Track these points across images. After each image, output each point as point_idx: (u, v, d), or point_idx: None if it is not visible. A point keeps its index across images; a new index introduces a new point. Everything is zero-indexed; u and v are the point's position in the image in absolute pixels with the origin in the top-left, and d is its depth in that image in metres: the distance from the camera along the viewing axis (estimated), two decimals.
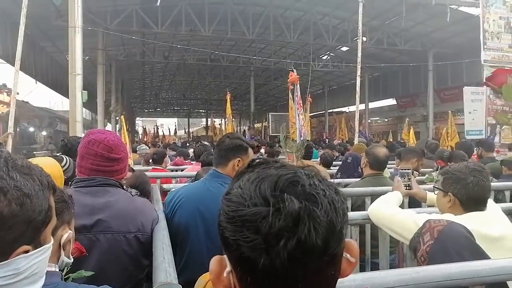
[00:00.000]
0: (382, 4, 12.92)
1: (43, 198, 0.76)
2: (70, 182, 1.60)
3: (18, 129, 15.30)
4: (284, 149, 3.71)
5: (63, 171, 2.15)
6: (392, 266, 2.68)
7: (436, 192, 1.79)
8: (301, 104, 8.67)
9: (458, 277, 1.09)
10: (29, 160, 0.77)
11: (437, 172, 3.37)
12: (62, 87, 16.64)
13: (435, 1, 11.90)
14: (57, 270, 0.99)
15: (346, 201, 0.59)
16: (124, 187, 2.70)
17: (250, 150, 2.09)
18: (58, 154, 2.46)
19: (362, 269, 2.53)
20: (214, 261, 0.60)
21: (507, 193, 3.14)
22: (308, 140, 5.73)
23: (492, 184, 3.25)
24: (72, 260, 1.08)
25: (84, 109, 10.38)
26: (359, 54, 7.39)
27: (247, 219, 0.53)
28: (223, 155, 2.03)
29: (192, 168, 4.39)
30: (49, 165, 1.76)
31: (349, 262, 0.59)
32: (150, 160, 5.07)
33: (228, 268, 0.58)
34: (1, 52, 11.78)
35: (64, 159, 2.23)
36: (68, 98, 7.87)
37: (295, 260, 0.52)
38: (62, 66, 17.19)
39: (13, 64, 5.77)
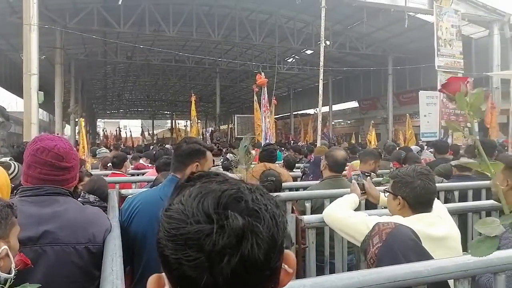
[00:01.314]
0: (345, 9, 13.30)
1: None
2: (15, 191, 1.52)
3: None
4: (241, 161, 3.52)
5: (11, 178, 2.04)
6: (350, 266, 2.76)
7: (386, 195, 1.86)
8: (268, 107, 8.76)
9: (402, 278, 1.14)
10: None
11: None
12: (16, 87, 15.80)
13: (393, 8, 12.41)
14: None
15: (285, 215, 0.60)
16: (82, 193, 2.62)
17: (209, 154, 2.07)
18: (4, 160, 2.33)
19: (321, 270, 2.59)
20: (151, 280, 0.59)
21: (456, 193, 3.32)
22: (271, 144, 5.77)
23: (442, 184, 3.44)
24: (13, 274, 1.03)
25: (40, 110, 9.92)
26: (322, 58, 7.56)
27: (190, 237, 0.52)
28: (181, 160, 2.01)
29: (152, 173, 4.30)
30: None
31: (286, 273, 0.60)
32: (109, 164, 4.90)
33: (167, 286, 0.57)
34: None
35: (12, 165, 2.11)
36: (23, 98, 7.50)
37: (237, 276, 0.52)
38: (16, 65, 16.33)
39: None
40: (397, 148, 6.20)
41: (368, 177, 2.58)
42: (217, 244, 0.51)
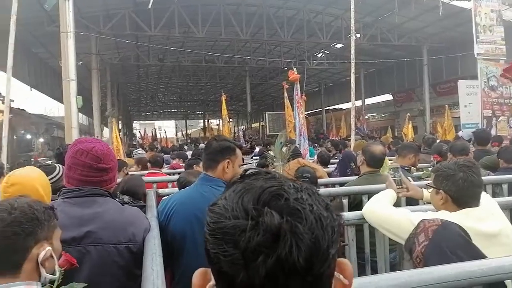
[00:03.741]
0: (375, 0, 12.92)
1: None
2: (58, 192, 1.57)
3: (15, 137, 15.23)
4: (277, 157, 3.60)
5: (56, 180, 2.11)
6: (392, 264, 2.66)
7: (429, 190, 1.77)
8: (301, 103, 8.65)
9: (454, 279, 1.07)
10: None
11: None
12: (57, 93, 16.57)
13: None
14: (39, 287, 0.97)
15: (338, 218, 0.55)
16: (118, 193, 2.69)
17: (238, 151, 2.08)
18: (50, 162, 2.43)
19: (362, 268, 2.52)
20: (197, 274, 0.58)
21: (505, 187, 3.13)
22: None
23: (489, 177, 3.25)
24: (57, 275, 1.05)
25: (80, 114, 10.34)
26: (352, 51, 7.38)
27: (227, 231, 0.51)
28: (212, 158, 2.02)
29: None
30: (30, 177, 1.56)
31: (342, 284, 0.56)
32: (148, 164, 5.01)
33: (212, 281, 0.55)
34: None
35: (57, 168, 2.19)
36: (63, 104, 7.82)
37: (274, 278, 0.49)
38: (56, 72, 17.12)
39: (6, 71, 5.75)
40: (437, 141, 5.96)
41: (408, 177, 2.47)
42: (251, 241, 0.49)
